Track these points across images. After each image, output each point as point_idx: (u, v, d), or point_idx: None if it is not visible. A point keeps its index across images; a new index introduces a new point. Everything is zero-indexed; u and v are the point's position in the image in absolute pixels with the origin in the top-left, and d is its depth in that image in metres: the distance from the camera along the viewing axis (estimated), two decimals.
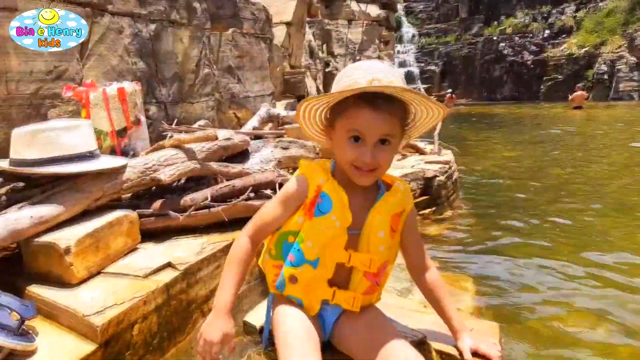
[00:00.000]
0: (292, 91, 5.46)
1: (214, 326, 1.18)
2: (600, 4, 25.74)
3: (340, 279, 1.26)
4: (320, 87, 8.19)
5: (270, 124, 3.85)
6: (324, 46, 8.96)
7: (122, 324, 1.53)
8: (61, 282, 1.68)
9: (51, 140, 1.87)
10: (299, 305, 1.28)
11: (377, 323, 1.29)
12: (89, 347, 1.43)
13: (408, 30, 30.16)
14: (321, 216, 1.20)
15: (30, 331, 1.47)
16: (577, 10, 26.51)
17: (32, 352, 1.39)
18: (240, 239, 1.28)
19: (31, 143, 1.85)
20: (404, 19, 29.57)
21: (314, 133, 1.29)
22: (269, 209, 1.28)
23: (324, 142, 1.29)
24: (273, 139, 2.94)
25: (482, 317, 1.92)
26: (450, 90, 23.73)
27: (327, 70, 8.34)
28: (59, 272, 1.69)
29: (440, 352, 1.55)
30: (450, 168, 3.81)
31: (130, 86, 2.35)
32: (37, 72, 2.32)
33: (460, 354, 1.32)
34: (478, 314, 2.01)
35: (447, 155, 4.19)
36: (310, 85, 6.92)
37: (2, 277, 1.73)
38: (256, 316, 1.74)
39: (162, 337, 1.68)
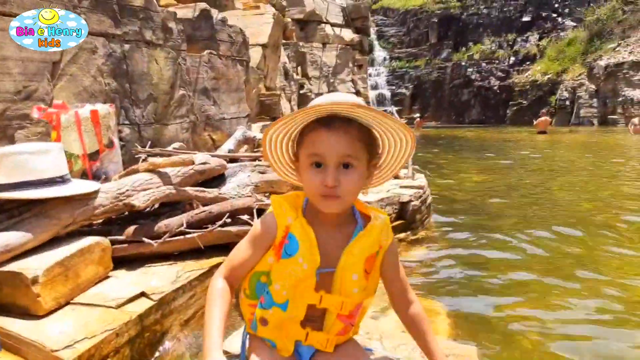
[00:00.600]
0: (268, 113, 5.45)
1: None
2: (562, 34, 26.99)
3: (314, 319, 1.22)
4: (295, 108, 8.22)
5: (245, 147, 3.82)
6: (299, 68, 9.04)
7: (93, 358, 1.46)
8: (27, 314, 1.60)
9: (19, 164, 1.80)
10: (272, 346, 1.24)
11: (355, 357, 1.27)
12: None
13: (380, 53, 30.79)
14: (288, 258, 1.15)
15: None
16: (540, 39, 27.70)
17: None
18: (214, 280, 1.23)
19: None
20: (375, 42, 30.19)
21: (286, 172, 1.28)
22: (239, 251, 1.24)
23: (295, 181, 1.26)
24: (250, 162, 2.92)
25: (458, 339, 1.92)
26: (418, 115, 24.34)
27: (301, 92, 8.40)
28: (25, 303, 1.61)
29: None
30: (424, 192, 3.85)
31: (103, 108, 2.29)
32: (4, 92, 2.24)
33: None
34: (454, 335, 2.02)
35: (421, 179, 4.24)
36: (285, 107, 6.94)
37: None
38: (233, 344, 1.70)
39: None
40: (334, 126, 1.08)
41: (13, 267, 1.62)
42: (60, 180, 1.89)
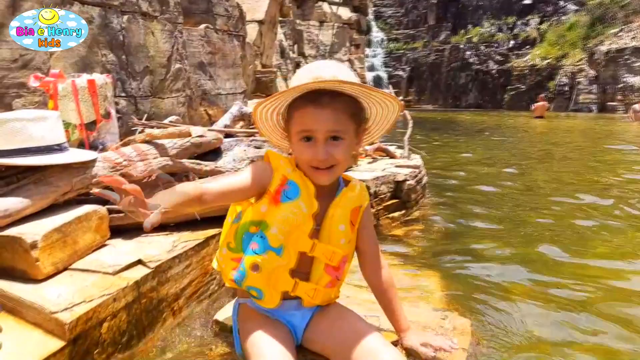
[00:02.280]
0: (264, 90, 5.43)
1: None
2: (563, 18, 26.77)
3: (302, 271, 1.28)
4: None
5: (241, 122, 3.82)
6: (295, 46, 8.97)
7: (91, 321, 1.49)
8: (26, 278, 1.63)
9: (17, 130, 1.80)
10: (259, 297, 1.26)
11: (350, 322, 1.29)
12: (56, 344, 1.39)
13: (377, 34, 30.50)
14: (288, 202, 1.21)
15: None
16: (540, 23, 27.47)
17: None
18: (197, 187, 1.17)
19: None
20: (373, 23, 29.88)
21: (278, 140, 1.34)
22: (222, 181, 1.21)
23: (287, 148, 1.33)
24: (245, 137, 2.93)
25: (452, 312, 1.97)
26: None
27: (297, 70, 8.30)
28: (24, 268, 1.63)
29: (410, 353, 1.59)
30: (420, 172, 3.88)
31: (100, 78, 2.29)
32: (1, 60, 2.23)
33: (411, 352, 1.35)
34: (448, 308, 2.06)
35: (417, 159, 4.26)
36: (281, 85, 6.90)
37: None
38: (225, 314, 1.74)
39: (132, 335, 1.65)
40: (320, 102, 1.12)
41: (12, 232, 1.64)
42: (58, 148, 1.90)
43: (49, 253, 1.66)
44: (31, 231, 1.65)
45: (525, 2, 28.43)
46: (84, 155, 1.98)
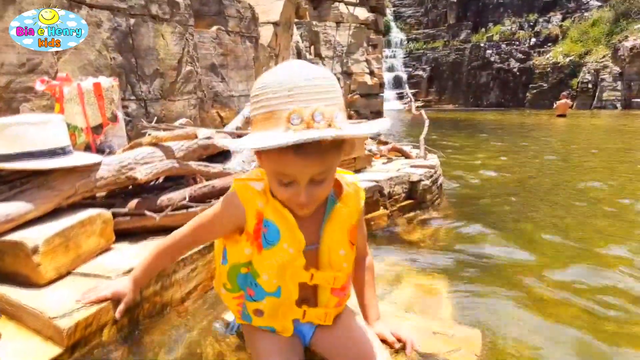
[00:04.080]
0: None
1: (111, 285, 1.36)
2: (586, 14, 26.20)
3: (308, 295, 1.22)
4: None
5: None
6: (312, 48, 8.92)
7: (91, 327, 1.46)
8: (28, 283, 1.60)
9: (19, 135, 1.79)
10: (272, 331, 1.24)
11: (354, 328, 1.28)
12: (54, 351, 1.36)
13: (396, 35, 30.32)
14: (271, 247, 1.10)
15: None
16: (563, 20, 26.94)
17: None
18: (167, 240, 1.32)
19: (0, 137, 1.78)
20: (392, 23, 29.70)
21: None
22: (192, 229, 1.24)
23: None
24: None
25: (461, 322, 1.88)
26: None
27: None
28: (25, 272, 1.61)
29: (422, 355, 1.52)
30: (435, 172, 3.79)
31: (106, 81, 2.28)
32: (8, 64, 2.24)
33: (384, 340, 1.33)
34: (457, 316, 1.98)
35: (433, 159, 4.17)
36: None
37: None
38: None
39: (133, 341, 1.61)
40: (301, 150, 0.91)
41: (14, 237, 1.62)
42: (62, 151, 1.89)
43: (51, 258, 1.63)
44: (33, 236, 1.62)
45: None
46: (88, 158, 1.96)
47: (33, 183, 1.80)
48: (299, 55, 7.93)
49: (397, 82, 26.43)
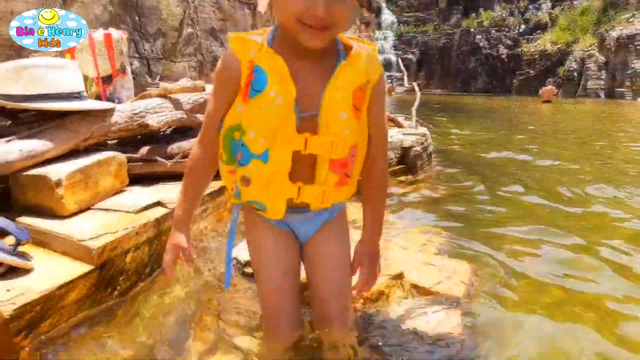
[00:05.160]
0: None
1: (169, 241, 1.23)
2: (575, 2, 26.37)
3: (304, 174, 1.05)
4: None
5: None
6: None
7: (116, 250, 1.58)
8: (51, 214, 1.71)
9: (37, 77, 1.87)
10: (262, 209, 1.11)
11: (333, 261, 1.23)
12: (85, 268, 1.48)
13: (387, 17, 30.21)
14: (257, 95, 0.96)
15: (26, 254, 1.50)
16: (553, 7, 27.10)
17: (29, 270, 1.43)
18: (192, 150, 1.16)
19: (18, 78, 1.86)
20: (383, 4, 29.58)
21: None
22: (207, 111, 1.09)
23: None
24: None
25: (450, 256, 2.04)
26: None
27: None
28: (49, 205, 1.72)
29: (414, 286, 1.68)
30: (425, 140, 3.94)
31: (117, 33, 2.35)
32: (17, 13, 2.30)
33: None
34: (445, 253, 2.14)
35: (424, 130, 4.32)
36: None
37: None
38: (239, 250, 1.82)
39: (153, 268, 1.74)
40: None
41: (38, 171, 1.73)
42: (78, 96, 1.98)
43: (72, 192, 1.74)
44: (55, 171, 1.73)
45: None
46: (103, 104, 2.06)
47: (52, 124, 1.89)
48: None
49: (388, 65, 26.43)
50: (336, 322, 1.22)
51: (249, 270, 1.72)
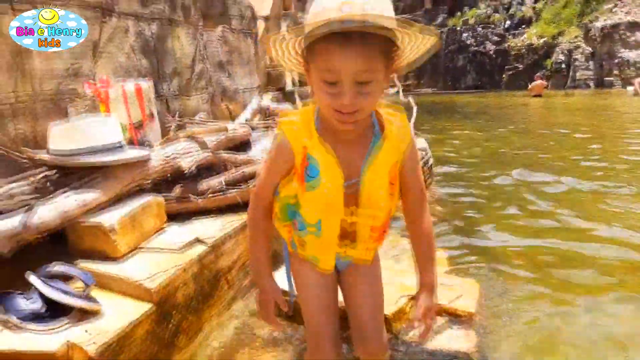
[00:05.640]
0: (274, 84, 5.72)
1: (260, 296, 1.35)
2: None
3: (348, 235, 1.25)
4: (295, 78, 8.43)
5: (258, 115, 4.11)
6: None
7: (169, 287, 1.80)
8: (105, 258, 1.92)
9: (86, 133, 2.09)
10: (316, 263, 1.32)
11: (376, 281, 1.43)
12: (147, 306, 1.69)
13: None
14: (312, 181, 1.15)
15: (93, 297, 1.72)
16: (536, 2, 27.45)
17: (98, 312, 1.64)
18: (251, 213, 1.33)
19: (69, 136, 2.07)
20: None
21: (293, 66, 1.16)
22: (262, 180, 1.27)
23: (303, 72, 1.14)
24: (270, 129, 3.22)
25: (460, 275, 2.26)
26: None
27: None
28: (104, 249, 1.93)
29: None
30: (426, 154, 4.16)
31: (145, 83, 2.57)
32: (56, 70, 2.51)
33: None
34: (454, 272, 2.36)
35: (422, 142, 4.54)
36: (287, 77, 7.16)
37: (49, 255, 1.95)
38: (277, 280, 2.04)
39: (198, 300, 1.96)
40: (349, 39, 0.94)
41: (93, 219, 1.94)
42: (120, 146, 2.19)
43: (123, 235, 1.96)
44: (108, 218, 1.94)
45: None
46: (141, 152, 2.27)
47: (99, 174, 2.10)
48: None
49: None
50: (373, 341, 1.43)
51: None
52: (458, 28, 28.24)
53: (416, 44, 1.04)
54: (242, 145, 2.93)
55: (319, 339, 1.42)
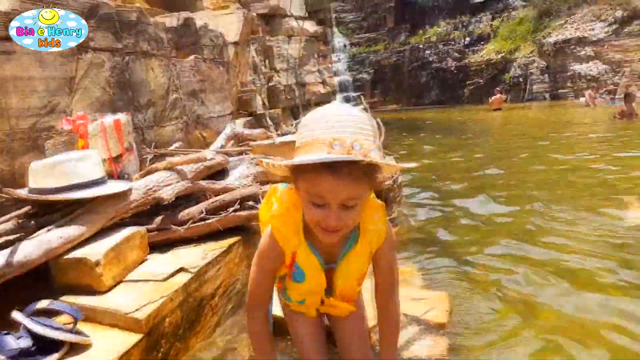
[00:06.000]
0: (245, 108, 5.82)
1: None
2: (513, 13, 27.99)
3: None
4: (265, 101, 8.56)
5: (232, 141, 4.20)
6: (266, 61, 9.38)
7: (157, 317, 1.85)
8: (91, 291, 1.97)
9: (69, 170, 2.14)
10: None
11: (359, 327, 1.57)
12: (135, 337, 1.75)
13: (339, 39, 31.12)
14: (297, 284, 1.36)
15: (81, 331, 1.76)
16: (492, 19, 28.64)
17: (89, 346, 1.69)
18: (249, 313, 1.41)
19: (50, 173, 2.12)
20: (335, 29, 30.50)
21: (282, 173, 1.22)
22: (255, 280, 1.37)
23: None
24: (246, 156, 3.31)
25: (431, 288, 2.40)
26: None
27: (270, 84, 8.76)
28: (89, 282, 1.97)
29: (406, 315, 2.01)
30: (395, 173, 4.34)
31: (124, 117, 2.63)
32: (33, 107, 2.55)
33: None
34: (426, 285, 2.50)
35: (391, 160, 4.72)
36: (257, 100, 7.28)
37: (31, 292, 1.97)
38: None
39: (185, 328, 2.02)
40: (340, 172, 1.02)
41: (77, 254, 1.99)
42: (102, 181, 2.25)
43: (108, 269, 2.01)
44: (93, 252, 2.00)
45: (477, 0, 29.59)
46: (122, 185, 2.33)
47: (83, 209, 2.16)
48: (255, 69, 8.33)
49: (344, 87, 27.18)
50: None
51: None
52: (420, 46, 29.11)
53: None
54: (219, 173, 3.01)
55: None
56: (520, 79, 25.00)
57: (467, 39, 28.75)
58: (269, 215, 1.35)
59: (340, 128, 1.03)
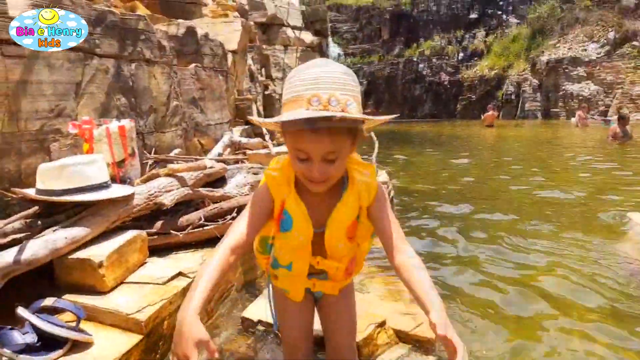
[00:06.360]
0: (242, 116, 5.91)
1: (186, 335, 1.04)
2: (507, 30, 28.45)
3: (317, 271, 1.43)
4: (261, 109, 8.67)
5: (228, 149, 4.30)
6: (263, 70, 9.50)
7: (157, 320, 1.93)
8: (93, 292, 2.04)
9: (76, 173, 2.22)
10: (287, 293, 1.53)
11: (350, 307, 1.63)
12: (136, 338, 1.82)
13: (334, 49, 31.40)
14: (285, 232, 1.32)
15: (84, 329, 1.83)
16: (487, 35, 29.08)
17: (90, 344, 1.76)
18: (219, 248, 1.26)
19: (59, 176, 2.20)
20: (330, 39, 30.77)
21: (273, 128, 1.30)
22: (242, 222, 1.30)
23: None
24: (244, 164, 3.41)
25: None
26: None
27: (266, 93, 8.87)
28: (92, 283, 2.05)
29: (396, 331, 2.10)
30: (387, 187, 4.44)
31: (128, 124, 2.72)
32: (41, 110, 2.62)
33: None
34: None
35: (383, 175, 4.83)
36: (254, 108, 7.38)
37: (34, 289, 2.04)
38: (254, 310, 2.22)
39: None
40: (319, 129, 1.07)
41: (80, 255, 2.06)
42: (106, 185, 2.33)
43: (111, 270, 2.08)
44: (97, 253, 2.07)
45: (471, 16, 30.07)
46: (125, 190, 2.41)
47: (88, 211, 2.23)
48: (252, 77, 8.44)
49: None
50: None
51: (260, 328, 2.12)
52: (414, 59, 29.47)
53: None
54: (217, 180, 3.10)
55: (293, 353, 1.62)
56: (513, 96, 25.35)
57: (461, 54, 29.15)
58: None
59: (321, 84, 1.07)
